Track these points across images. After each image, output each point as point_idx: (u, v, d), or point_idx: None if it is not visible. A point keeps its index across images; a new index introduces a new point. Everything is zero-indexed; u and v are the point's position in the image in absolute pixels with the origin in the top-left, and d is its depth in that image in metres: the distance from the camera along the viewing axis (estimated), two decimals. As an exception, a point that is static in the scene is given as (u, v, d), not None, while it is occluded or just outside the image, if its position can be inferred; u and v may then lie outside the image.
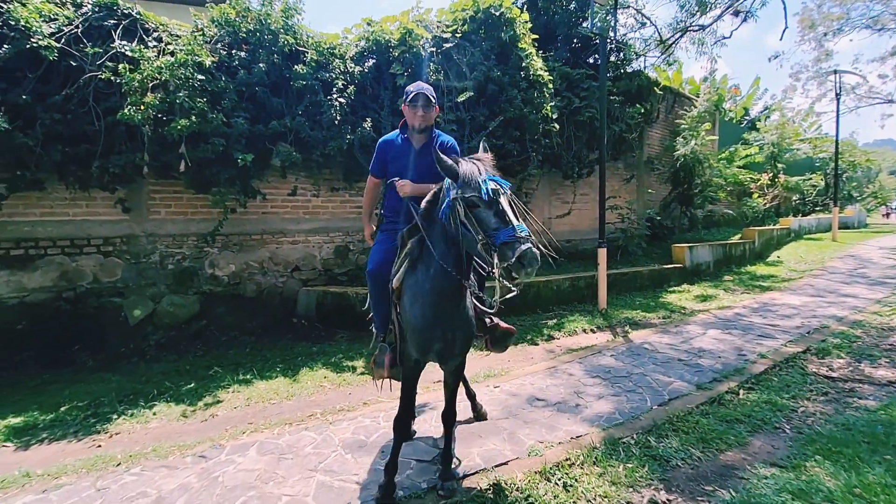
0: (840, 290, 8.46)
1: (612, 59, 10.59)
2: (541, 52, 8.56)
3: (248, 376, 4.68)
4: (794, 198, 20.39)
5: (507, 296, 2.36)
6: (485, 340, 3.05)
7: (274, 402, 4.10)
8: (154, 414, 3.92)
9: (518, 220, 2.16)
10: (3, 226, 5.02)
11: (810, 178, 21.16)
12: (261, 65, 5.60)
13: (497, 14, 7.40)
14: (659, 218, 11.85)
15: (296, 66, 5.86)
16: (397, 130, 3.06)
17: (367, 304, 3.19)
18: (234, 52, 5.64)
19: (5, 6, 4.65)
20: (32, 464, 3.17)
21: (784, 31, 8.84)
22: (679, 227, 12.70)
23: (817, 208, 21.18)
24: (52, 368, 4.94)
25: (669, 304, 7.61)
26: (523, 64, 7.60)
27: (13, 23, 4.62)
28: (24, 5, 4.72)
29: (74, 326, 5.29)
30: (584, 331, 6.22)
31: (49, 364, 4.99)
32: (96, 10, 5.18)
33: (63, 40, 4.86)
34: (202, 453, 3.17)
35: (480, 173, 2.22)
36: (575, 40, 10.20)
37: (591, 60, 10.27)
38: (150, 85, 4.96)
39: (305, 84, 5.86)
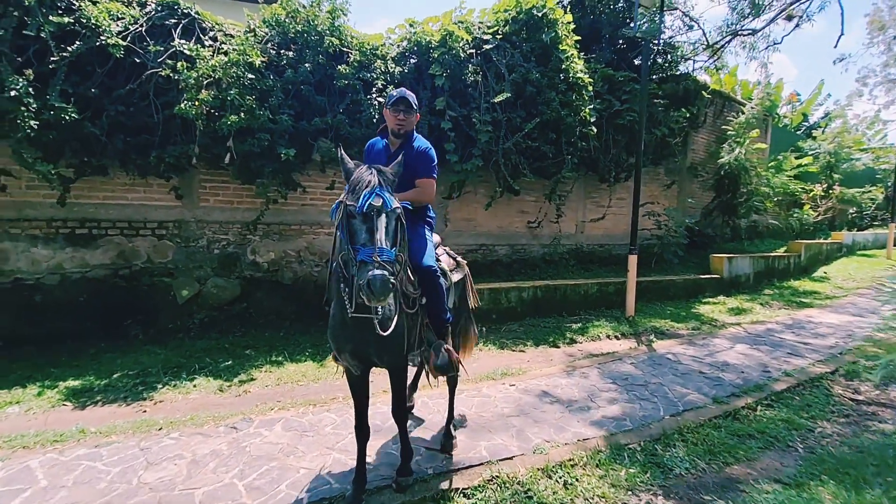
0: (884, 311, 8.09)
1: (659, 61, 10.38)
2: (584, 53, 8.50)
3: (279, 358, 5.02)
4: (851, 211, 19.32)
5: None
6: (426, 358, 2.88)
7: (302, 384, 4.39)
8: (194, 386, 4.28)
9: (388, 244, 2.08)
10: (70, 207, 5.50)
11: (869, 191, 19.98)
12: (306, 65, 5.88)
13: (539, 15, 7.41)
14: (698, 227, 11.55)
15: (339, 66, 6.10)
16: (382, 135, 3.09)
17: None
18: (282, 51, 5.92)
19: (76, 4, 5.06)
20: (87, 422, 3.57)
21: (839, 37, 8.48)
22: (721, 237, 12.35)
23: (875, 223, 19.98)
24: (109, 339, 5.42)
25: (701, 316, 7.50)
26: (563, 66, 7.59)
27: (84, 20, 5.01)
28: (94, 4, 5.12)
29: (128, 302, 5.75)
30: (608, 337, 6.24)
31: (106, 335, 5.48)
32: (159, 9, 5.56)
33: (129, 38, 5.26)
34: (234, 425, 3.48)
35: (367, 185, 2.15)
36: (620, 41, 10.04)
37: (636, 62, 10.09)
38: (205, 82, 5.31)
39: (348, 83, 6.10)
